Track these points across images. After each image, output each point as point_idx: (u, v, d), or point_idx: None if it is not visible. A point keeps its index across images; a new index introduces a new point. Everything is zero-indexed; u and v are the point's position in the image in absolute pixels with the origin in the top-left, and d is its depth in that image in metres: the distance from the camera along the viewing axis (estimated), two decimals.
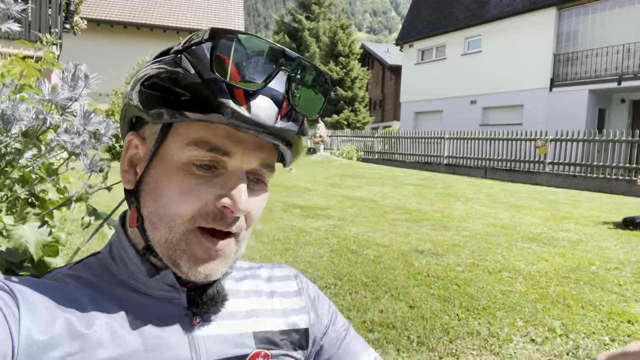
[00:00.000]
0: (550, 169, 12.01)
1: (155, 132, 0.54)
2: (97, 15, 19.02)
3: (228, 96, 0.48)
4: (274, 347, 0.60)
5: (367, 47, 36.64)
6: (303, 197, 7.66)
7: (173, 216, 0.51)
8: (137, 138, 0.57)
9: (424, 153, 15.87)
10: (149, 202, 0.53)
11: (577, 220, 6.22)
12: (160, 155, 0.53)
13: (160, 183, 0.52)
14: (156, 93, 0.50)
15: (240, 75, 0.48)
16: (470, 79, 18.47)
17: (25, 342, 0.45)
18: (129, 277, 0.56)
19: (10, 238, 1.04)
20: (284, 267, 0.73)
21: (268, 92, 0.50)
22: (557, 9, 15.64)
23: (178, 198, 0.51)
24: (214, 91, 0.48)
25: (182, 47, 0.51)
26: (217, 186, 0.51)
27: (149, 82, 0.51)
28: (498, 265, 4.02)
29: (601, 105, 15.16)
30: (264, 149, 0.54)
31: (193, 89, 0.48)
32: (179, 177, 0.51)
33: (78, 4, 10.95)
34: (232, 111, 0.47)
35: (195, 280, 0.53)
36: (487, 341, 2.65)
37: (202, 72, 0.48)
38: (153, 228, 0.52)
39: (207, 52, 0.49)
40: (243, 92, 0.48)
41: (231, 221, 0.52)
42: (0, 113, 1.08)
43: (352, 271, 3.77)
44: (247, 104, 0.48)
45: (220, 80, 0.48)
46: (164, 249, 0.52)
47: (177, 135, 0.52)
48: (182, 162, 0.51)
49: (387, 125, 30.57)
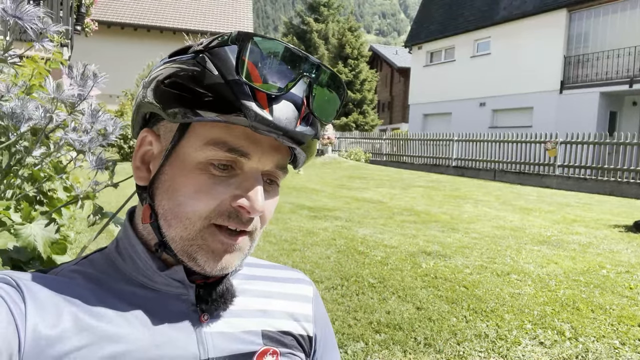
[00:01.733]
0: (561, 172, 11.89)
1: (171, 130, 0.54)
2: (108, 17, 19.21)
3: (251, 99, 0.48)
4: (281, 346, 0.60)
5: (375, 49, 36.59)
6: (311, 198, 7.66)
7: (189, 214, 0.51)
8: (151, 135, 0.57)
9: (433, 155, 15.80)
10: (164, 200, 0.53)
11: (587, 224, 6.16)
12: (177, 154, 0.53)
13: (176, 181, 0.52)
14: (176, 91, 0.50)
15: (263, 79, 0.49)
16: (480, 81, 18.38)
17: (32, 336, 0.45)
18: (136, 272, 0.56)
19: (18, 237, 1.05)
20: (297, 271, 0.73)
21: (290, 96, 0.50)
22: (568, 11, 15.52)
23: (194, 196, 0.51)
24: (237, 93, 0.48)
25: (204, 48, 0.51)
26: (234, 186, 0.52)
27: (169, 80, 0.51)
28: (507, 268, 3.99)
29: (612, 107, 15.00)
30: (280, 151, 0.54)
31: (216, 90, 0.49)
32: (195, 176, 0.51)
33: (89, 6, 11.06)
34: (255, 114, 0.48)
35: (211, 273, 0.53)
36: (495, 344, 2.63)
37: (226, 73, 0.49)
38: (168, 225, 0.53)
39: (230, 54, 0.49)
40: (266, 96, 0.49)
41: (247, 221, 0.53)
42: (10, 112, 1.09)
43: (359, 272, 3.76)
44: (270, 107, 0.49)
45: (244, 83, 0.48)
46: (180, 244, 0.52)
47: (195, 135, 0.52)
48: (199, 162, 0.51)
49: (396, 127, 30.52)
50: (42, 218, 1.13)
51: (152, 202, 0.55)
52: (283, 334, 0.61)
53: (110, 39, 19.03)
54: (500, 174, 13.25)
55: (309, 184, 9.64)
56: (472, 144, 14.45)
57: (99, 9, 17.62)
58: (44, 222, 1.11)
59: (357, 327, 2.77)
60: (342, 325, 2.79)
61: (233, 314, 0.58)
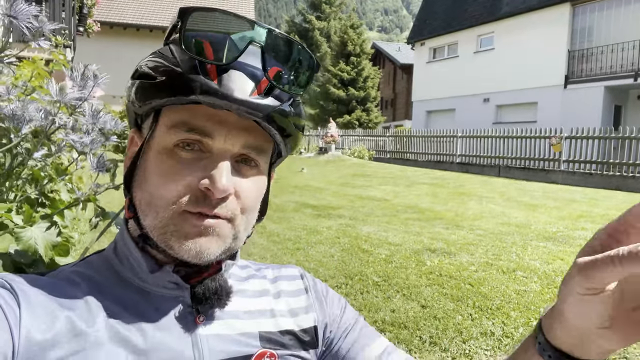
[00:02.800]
0: (566, 167, 11.84)
1: (148, 125, 0.55)
2: (110, 18, 19.25)
3: (199, 72, 0.48)
4: (280, 347, 0.59)
5: (378, 46, 36.53)
6: (315, 196, 7.66)
7: (158, 200, 0.51)
8: (136, 134, 0.58)
9: (436, 152, 15.76)
10: (138, 191, 0.54)
11: (593, 219, 6.12)
12: (150, 145, 0.54)
13: (147, 171, 0.53)
14: (143, 85, 0.52)
15: (212, 52, 0.48)
16: (483, 76, 18.31)
17: (26, 340, 0.44)
18: (133, 274, 0.55)
19: (19, 240, 1.05)
20: (289, 267, 0.72)
21: (241, 66, 0.49)
22: (572, 5, 15.44)
23: (162, 181, 0.51)
24: (184, 69, 0.48)
25: (165, 38, 0.53)
26: (199, 168, 0.50)
27: (137, 75, 0.53)
28: (512, 265, 3.96)
29: (617, 102, 14.91)
30: (250, 131, 0.52)
31: (169, 73, 0.49)
32: (162, 161, 0.51)
33: (91, 7, 11.09)
34: (200, 85, 0.47)
35: (189, 259, 0.51)
36: (501, 341, 2.61)
37: (178, 54, 0.49)
38: (144, 215, 0.53)
39: (180, 34, 0.49)
40: (215, 68, 0.48)
41: (216, 203, 0.50)
42: (11, 113, 1.09)
43: (364, 270, 3.75)
44: (219, 78, 0.48)
45: (192, 59, 0.48)
46: (155, 233, 0.52)
47: (162, 123, 0.53)
48: (166, 147, 0.51)
49: (399, 124, 30.47)
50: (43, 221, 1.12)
51: (130, 195, 0.55)
52: (282, 333, 0.60)
53: (113, 39, 19.06)
54: (505, 169, 13.20)
55: (313, 182, 9.63)
56: (476, 140, 14.40)
57: (101, 9, 17.65)
58: (45, 225, 1.11)
59: None
60: None
61: (229, 316, 0.57)
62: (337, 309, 0.68)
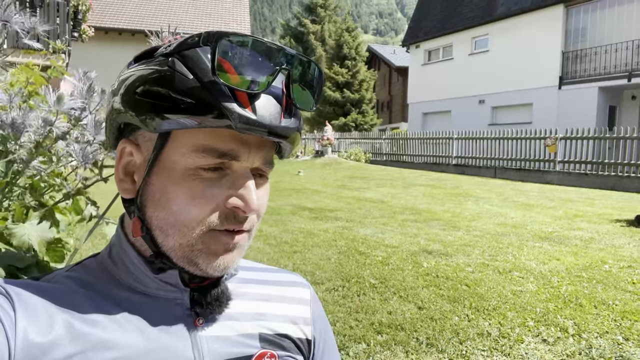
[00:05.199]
0: (561, 168, 11.88)
1: (150, 139, 0.52)
2: (105, 23, 19.22)
3: (232, 99, 0.47)
4: (279, 349, 0.59)
5: (373, 49, 36.59)
6: (312, 199, 7.66)
7: (186, 221, 0.50)
8: (129, 145, 0.54)
9: (433, 154, 15.79)
10: (157, 211, 0.52)
11: (589, 219, 6.14)
12: (162, 162, 0.51)
13: (167, 190, 0.51)
14: (152, 100, 0.49)
15: (241, 77, 0.47)
16: (478, 78, 18.36)
17: (22, 345, 0.44)
18: (129, 278, 0.55)
19: (12, 236, 1.04)
20: (294, 274, 0.72)
21: (269, 90, 0.50)
22: (565, 6, 15.50)
23: (189, 203, 0.50)
24: (216, 96, 0.47)
25: (174, 50, 0.50)
26: (226, 187, 0.51)
27: (142, 88, 0.49)
28: (509, 265, 3.97)
29: (611, 102, 14.97)
30: (265, 146, 0.54)
31: (193, 94, 0.47)
32: (187, 183, 0.50)
33: (85, 12, 11.08)
34: (239, 115, 0.47)
35: (212, 274, 0.53)
36: (497, 342, 2.61)
37: (201, 76, 0.47)
38: (165, 235, 0.52)
39: (203, 55, 0.48)
40: (246, 95, 0.48)
41: (243, 220, 0.52)
42: (11, 121, 1.08)
43: (360, 272, 3.75)
44: (252, 105, 0.48)
45: (222, 84, 0.47)
46: (179, 252, 0.52)
47: (179, 141, 0.50)
48: (188, 168, 0.50)
49: (395, 126, 30.52)
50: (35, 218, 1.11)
51: (141, 214, 0.53)
52: (281, 337, 0.60)
53: (108, 44, 19.03)
54: (501, 171, 13.23)
55: (310, 185, 9.63)
56: (472, 142, 14.43)
57: (96, 15, 17.64)
58: (37, 221, 1.10)
59: (358, 328, 2.75)
60: (344, 326, 2.78)
61: (229, 318, 0.57)
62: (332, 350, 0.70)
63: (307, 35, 32.89)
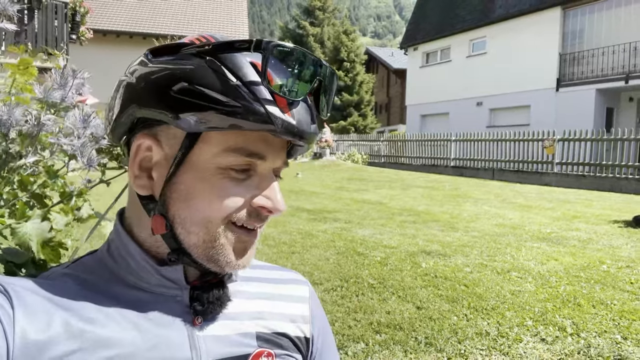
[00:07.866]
0: (559, 169, 11.90)
1: (175, 137, 0.51)
2: (104, 25, 19.22)
3: (275, 105, 0.49)
4: (277, 347, 0.59)
5: (371, 51, 36.68)
6: (311, 200, 7.65)
7: (211, 218, 0.51)
8: (149, 140, 0.53)
9: (431, 156, 15.81)
10: (182, 209, 0.52)
11: (587, 220, 6.15)
12: (192, 161, 0.51)
13: (195, 188, 0.51)
14: (190, 99, 0.48)
15: (283, 84, 0.50)
16: (476, 80, 18.41)
17: (21, 342, 0.44)
18: (129, 274, 0.55)
19: (14, 235, 1.04)
20: (293, 272, 0.73)
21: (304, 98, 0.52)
22: (562, 9, 15.57)
23: (217, 201, 0.51)
24: (262, 102, 0.48)
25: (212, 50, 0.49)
26: (252, 187, 0.53)
27: (179, 86, 0.48)
28: (507, 265, 3.97)
29: (609, 104, 15.02)
30: (284, 148, 0.56)
31: (236, 97, 0.48)
32: (217, 181, 0.51)
33: (84, 15, 11.08)
34: (282, 121, 0.49)
35: (228, 271, 0.55)
36: (496, 341, 2.61)
37: (245, 80, 0.48)
38: (187, 233, 0.52)
39: (244, 59, 0.49)
40: (286, 101, 0.50)
41: (265, 218, 0.55)
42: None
43: (359, 273, 3.74)
44: (291, 111, 0.50)
45: (267, 90, 0.49)
46: (201, 249, 0.52)
47: (211, 141, 0.50)
48: (219, 167, 0.51)
49: (393, 128, 30.56)
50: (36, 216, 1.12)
51: (164, 211, 0.52)
52: (279, 335, 0.60)
53: (106, 47, 19.02)
54: (499, 172, 13.26)
55: (308, 186, 9.63)
56: (470, 144, 14.46)
57: (94, 17, 17.62)
58: (38, 221, 1.10)
59: (357, 328, 2.75)
60: (342, 326, 2.77)
61: (227, 317, 0.57)
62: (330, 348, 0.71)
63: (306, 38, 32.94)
